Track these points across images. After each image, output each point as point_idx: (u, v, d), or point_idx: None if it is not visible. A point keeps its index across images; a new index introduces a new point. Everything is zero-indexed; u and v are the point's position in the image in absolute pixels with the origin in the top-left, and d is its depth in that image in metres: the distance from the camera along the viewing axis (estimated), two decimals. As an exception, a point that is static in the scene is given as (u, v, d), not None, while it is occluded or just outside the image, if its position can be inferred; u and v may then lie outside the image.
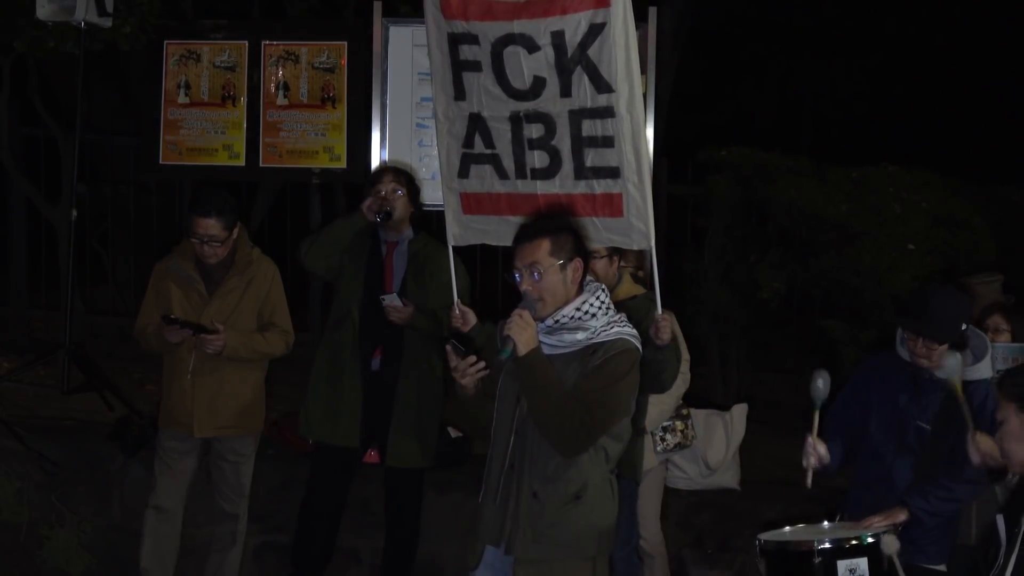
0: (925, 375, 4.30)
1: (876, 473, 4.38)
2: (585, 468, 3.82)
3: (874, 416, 4.41)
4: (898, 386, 4.37)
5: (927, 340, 4.22)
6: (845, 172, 7.69)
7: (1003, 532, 3.25)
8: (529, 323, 3.76)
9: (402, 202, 5.34)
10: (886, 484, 4.33)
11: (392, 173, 5.41)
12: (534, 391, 3.75)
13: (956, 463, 4.21)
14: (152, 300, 5.33)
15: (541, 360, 3.76)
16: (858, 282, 7.20)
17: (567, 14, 4.43)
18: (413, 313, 5.23)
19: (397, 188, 5.33)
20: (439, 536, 5.81)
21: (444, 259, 5.08)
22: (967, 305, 4.38)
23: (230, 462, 5.37)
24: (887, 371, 4.44)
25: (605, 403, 3.75)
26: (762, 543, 4.01)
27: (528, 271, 3.82)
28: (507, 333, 3.73)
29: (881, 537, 3.85)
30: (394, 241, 5.42)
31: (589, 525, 3.84)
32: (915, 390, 4.33)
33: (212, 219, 5.11)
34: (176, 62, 6.92)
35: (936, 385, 4.29)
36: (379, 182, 5.35)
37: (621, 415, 3.85)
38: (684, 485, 5.94)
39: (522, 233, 3.94)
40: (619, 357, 3.78)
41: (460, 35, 4.69)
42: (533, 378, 3.75)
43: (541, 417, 3.76)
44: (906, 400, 4.34)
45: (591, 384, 3.75)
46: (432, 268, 5.33)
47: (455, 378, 3.90)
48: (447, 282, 5.02)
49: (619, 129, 4.48)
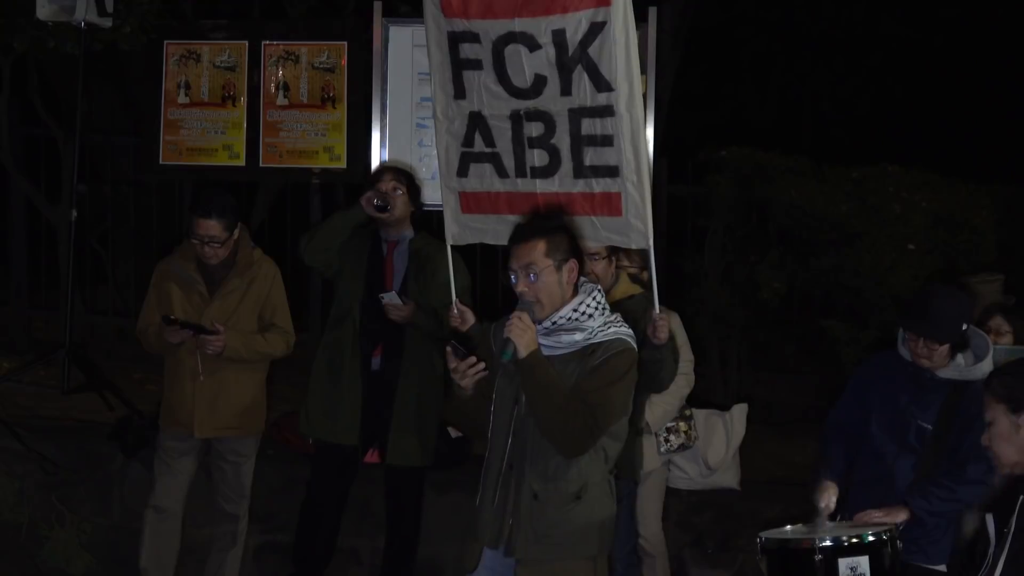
0: (926, 375, 4.30)
1: (877, 473, 4.38)
2: (585, 468, 3.82)
3: (875, 416, 4.42)
4: (899, 386, 4.38)
5: (928, 340, 4.23)
6: (845, 172, 7.69)
7: (992, 530, 3.24)
8: (529, 325, 3.76)
9: (402, 200, 5.33)
10: (887, 484, 4.33)
11: (392, 172, 5.41)
12: (536, 393, 3.75)
13: (958, 463, 4.22)
14: (153, 300, 5.33)
15: (542, 362, 3.76)
16: (858, 282, 7.20)
17: (568, 12, 4.44)
18: (413, 311, 5.23)
19: (397, 187, 5.33)
20: (439, 536, 5.81)
21: (444, 258, 5.08)
22: (968, 305, 4.38)
23: (231, 462, 5.37)
24: (888, 371, 4.44)
25: (605, 403, 3.75)
26: (763, 541, 4.01)
27: (524, 272, 3.82)
28: (507, 335, 3.73)
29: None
30: (394, 240, 5.42)
31: (589, 524, 3.85)
32: (916, 390, 4.33)
33: (213, 220, 5.11)
34: (176, 62, 6.92)
35: (937, 385, 4.30)
36: (379, 181, 5.35)
37: (620, 415, 3.86)
38: (684, 485, 5.93)
39: (517, 234, 3.94)
40: (618, 357, 3.78)
41: (460, 33, 4.69)
42: (534, 380, 3.75)
43: (544, 418, 3.76)
44: (907, 400, 4.34)
45: (591, 384, 3.75)
46: (432, 267, 5.33)
47: (454, 379, 3.90)
48: (447, 280, 5.02)
49: (618, 128, 4.48)
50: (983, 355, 4.31)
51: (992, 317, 5.03)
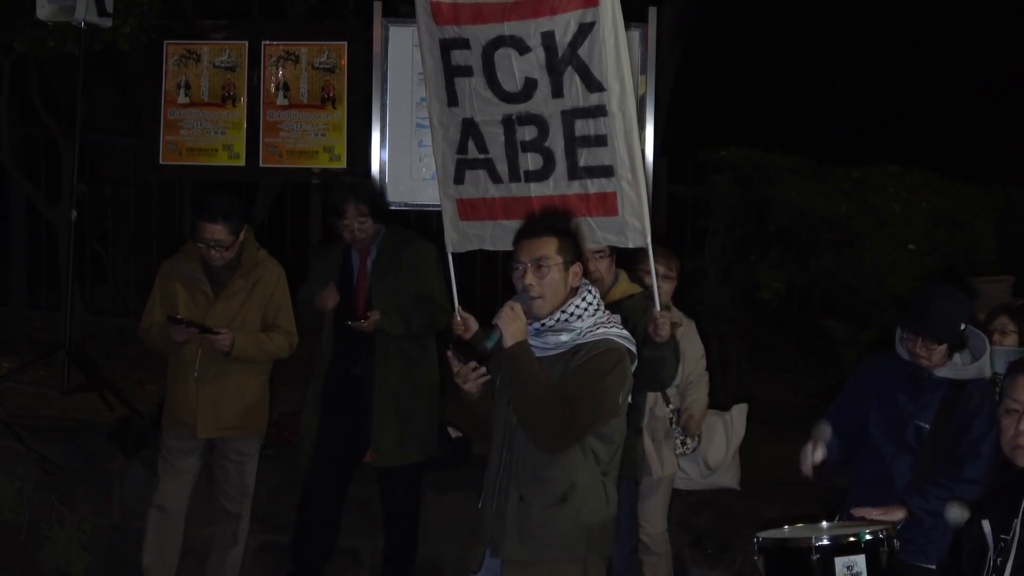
0: (924, 374, 4.31)
1: (875, 472, 4.38)
2: (571, 469, 3.79)
3: (873, 415, 4.42)
4: (897, 385, 4.38)
5: (927, 340, 4.24)
6: (845, 172, 7.69)
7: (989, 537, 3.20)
8: (519, 315, 3.75)
9: (368, 225, 5.32)
10: (886, 483, 4.33)
11: (353, 205, 5.27)
12: (517, 384, 3.74)
13: (955, 462, 4.22)
14: (157, 299, 5.33)
15: (527, 353, 3.75)
16: (858, 282, 7.20)
17: (556, 14, 4.45)
18: (376, 321, 5.26)
19: (361, 217, 5.29)
20: (439, 536, 5.81)
21: (409, 251, 5.15)
22: (967, 305, 4.38)
23: (233, 462, 5.37)
24: (887, 370, 4.45)
25: (587, 400, 3.72)
26: (760, 541, 4.01)
27: (535, 264, 3.80)
28: (495, 322, 3.74)
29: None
30: (366, 251, 5.43)
31: (577, 526, 3.81)
32: (914, 389, 4.34)
33: (219, 224, 5.10)
34: (176, 62, 6.92)
35: (935, 384, 4.31)
36: (343, 217, 5.29)
37: (606, 414, 3.80)
38: (684, 485, 5.93)
39: (530, 228, 3.93)
40: (602, 356, 3.76)
41: (452, 40, 4.71)
42: (517, 370, 3.73)
43: (523, 411, 3.75)
44: (905, 399, 4.35)
45: (572, 381, 3.73)
46: (397, 263, 5.35)
47: (458, 383, 3.90)
48: (415, 273, 5.06)
49: (612, 127, 4.49)
50: (980, 354, 4.31)
51: (997, 317, 5.04)
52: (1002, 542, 3.13)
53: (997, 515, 3.18)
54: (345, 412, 5.42)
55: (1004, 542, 3.12)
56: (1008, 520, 3.13)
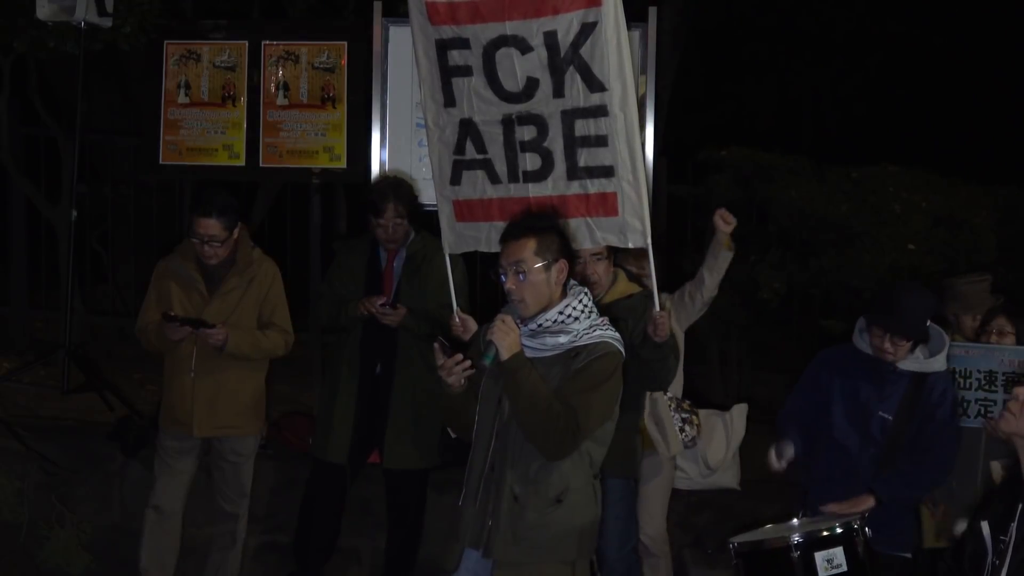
0: (887, 367, 4.46)
1: (841, 466, 4.49)
2: (567, 472, 3.80)
3: (836, 409, 4.52)
4: (859, 378, 4.50)
5: (896, 337, 4.33)
6: (845, 172, 7.69)
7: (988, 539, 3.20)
8: (512, 328, 3.75)
9: (404, 226, 5.37)
10: (852, 476, 4.43)
11: (393, 206, 5.33)
12: (518, 395, 3.74)
13: (920, 451, 4.37)
14: (153, 299, 5.33)
15: (524, 364, 3.74)
16: (858, 282, 7.20)
17: (559, 14, 4.45)
18: (404, 316, 5.24)
19: (398, 218, 5.33)
20: (439, 536, 5.78)
21: (441, 259, 5.09)
22: (933, 303, 4.54)
23: (231, 462, 5.37)
24: (846, 363, 4.58)
25: (587, 406, 3.73)
26: (736, 546, 4.04)
27: (513, 269, 3.81)
28: (489, 338, 3.73)
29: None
30: (394, 250, 5.43)
31: (569, 529, 3.82)
32: (877, 382, 4.45)
33: (213, 219, 5.11)
34: (176, 62, 6.91)
35: (898, 377, 4.43)
36: (381, 216, 5.33)
37: (603, 419, 3.82)
38: (684, 485, 5.93)
39: (509, 231, 3.93)
40: (601, 360, 3.76)
41: (449, 40, 4.70)
42: (516, 382, 3.73)
43: (526, 421, 3.75)
44: (868, 391, 4.46)
45: (573, 387, 3.74)
46: (428, 268, 5.34)
47: (441, 376, 3.89)
48: (444, 282, 5.03)
49: (613, 127, 4.49)
50: (939, 349, 4.48)
51: (995, 318, 5.07)
52: (1001, 543, 3.14)
53: (995, 518, 3.19)
54: (361, 411, 5.40)
55: (1003, 543, 3.13)
56: (1005, 523, 3.14)
